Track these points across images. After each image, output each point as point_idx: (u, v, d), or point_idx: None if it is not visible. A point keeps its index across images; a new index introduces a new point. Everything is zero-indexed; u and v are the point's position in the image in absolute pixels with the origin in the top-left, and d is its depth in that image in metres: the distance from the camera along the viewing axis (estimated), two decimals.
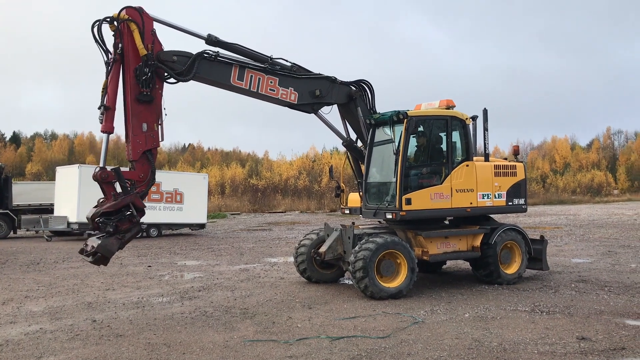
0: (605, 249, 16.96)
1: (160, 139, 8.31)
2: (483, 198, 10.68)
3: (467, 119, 10.63)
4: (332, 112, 10.61)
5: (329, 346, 6.67)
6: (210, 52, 8.74)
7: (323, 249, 10.62)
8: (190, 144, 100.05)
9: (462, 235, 10.80)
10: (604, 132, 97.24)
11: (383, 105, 10.86)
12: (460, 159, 10.54)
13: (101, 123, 7.93)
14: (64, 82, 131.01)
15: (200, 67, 8.62)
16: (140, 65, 7.95)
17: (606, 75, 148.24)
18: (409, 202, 9.80)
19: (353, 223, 10.63)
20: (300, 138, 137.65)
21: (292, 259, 12.32)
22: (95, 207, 7.83)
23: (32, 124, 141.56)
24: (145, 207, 8.19)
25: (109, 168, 7.97)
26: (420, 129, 10.47)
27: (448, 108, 10.65)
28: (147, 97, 8.03)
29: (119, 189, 7.93)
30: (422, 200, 9.98)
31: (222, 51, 8.97)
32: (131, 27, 7.92)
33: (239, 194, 61.10)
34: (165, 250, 19.59)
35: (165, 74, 8.37)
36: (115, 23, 7.93)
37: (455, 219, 11.37)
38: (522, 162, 11.68)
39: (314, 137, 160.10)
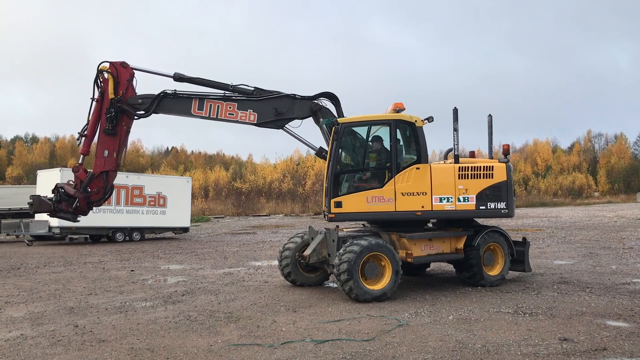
0: (587, 250, 17.16)
1: (116, 165, 10.19)
2: (441, 201, 10.24)
3: (416, 121, 10.31)
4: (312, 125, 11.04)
5: (313, 350, 6.66)
6: (169, 92, 10.34)
7: (307, 252, 10.62)
8: (173, 147, 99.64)
9: (446, 238, 10.84)
10: (584, 135, 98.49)
11: (359, 109, 11.02)
12: (409, 162, 10.28)
13: (79, 146, 10.29)
14: (32, 84, 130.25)
15: (164, 103, 10.36)
16: (109, 106, 9.99)
17: (581, 78, 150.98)
18: (339, 205, 9.99)
19: (337, 226, 10.64)
20: (284, 141, 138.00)
21: (276, 263, 12.30)
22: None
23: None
24: (87, 211, 10.25)
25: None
26: (374, 133, 10.50)
27: (398, 111, 10.44)
28: (110, 130, 10.02)
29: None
30: (356, 203, 10.03)
31: (182, 89, 10.48)
32: (108, 77, 10.03)
33: (222, 197, 60.91)
34: (148, 254, 19.44)
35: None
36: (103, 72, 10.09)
37: (439, 222, 11.45)
38: (505, 162, 10.85)
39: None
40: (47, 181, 24.40)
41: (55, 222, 23.29)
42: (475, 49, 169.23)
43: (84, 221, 11.38)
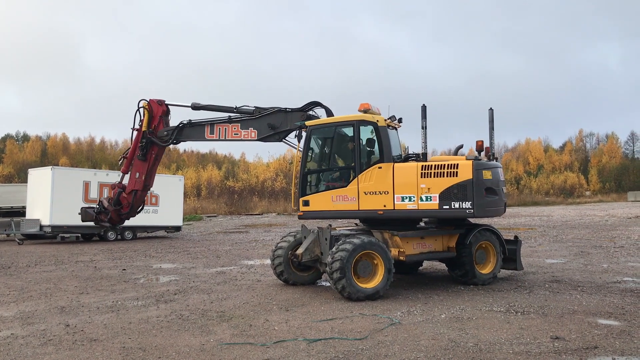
0: (578, 249, 17.24)
1: (144, 185, 12.25)
2: (403, 201, 10.01)
3: (378, 120, 10.28)
4: None
5: (306, 348, 6.65)
6: (185, 122, 12.05)
7: (300, 250, 10.61)
8: None
9: (438, 236, 10.86)
10: (576, 134, 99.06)
11: (351, 108, 11.10)
12: (373, 161, 10.30)
13: (120, 166, 12.53)
14: (23, 82, 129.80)
15: (184, 132, 12.15)
16: (141, 137, 12.01)
17: (573, 77, 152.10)
18: (306, 203, 10.53)
19: (330, 225, 10.65)
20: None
21: (269, 262, 12.28)
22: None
23: None
24: (121, 222, 12.74)
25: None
26: (327, 135, 10.75)
27: (365, 111, 10.47)
28: (142, 157, 12.15)
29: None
30: (322, 202, 10.42)
31: (196, 118, 12.16)
32: (144, 112, 12.07)
33: (215, 196, 60.83)
34: (140, 253, 19.37)
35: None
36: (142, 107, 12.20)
37: (431, 220, 11.46)
38: (473, 159, 9.93)
39: (290, 139, 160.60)
40: (39, 179, 24.28)
41: (46, 220, 23.18)
42: (467, 49, 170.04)
43: (76, 220, 12.45)
